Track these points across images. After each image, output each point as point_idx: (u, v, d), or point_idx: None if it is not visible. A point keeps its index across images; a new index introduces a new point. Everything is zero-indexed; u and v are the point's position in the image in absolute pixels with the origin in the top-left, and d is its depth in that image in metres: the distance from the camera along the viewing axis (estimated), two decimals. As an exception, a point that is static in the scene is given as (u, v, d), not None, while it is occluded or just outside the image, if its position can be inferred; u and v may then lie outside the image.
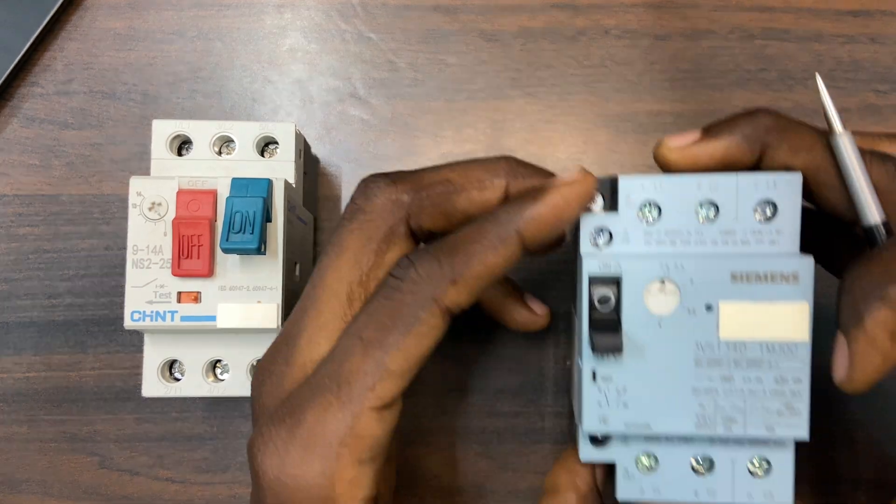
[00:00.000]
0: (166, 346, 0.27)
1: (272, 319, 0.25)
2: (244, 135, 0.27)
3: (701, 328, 0.21)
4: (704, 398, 0.21)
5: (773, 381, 0.21)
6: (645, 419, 0.21)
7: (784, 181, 0.21)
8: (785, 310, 0.20)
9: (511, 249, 0.20)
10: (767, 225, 0.21)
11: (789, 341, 0.21)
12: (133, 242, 0.26)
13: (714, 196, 0.21)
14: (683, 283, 0.21)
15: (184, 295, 0.25)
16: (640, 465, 0.22)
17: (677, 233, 0.21)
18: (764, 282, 0.21)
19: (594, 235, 0.22)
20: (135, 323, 0.25)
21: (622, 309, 0.21)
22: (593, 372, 0.21)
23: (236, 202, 0.25)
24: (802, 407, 0.21)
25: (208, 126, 0.27)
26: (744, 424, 0.21)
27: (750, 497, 0.22)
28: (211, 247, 0.25)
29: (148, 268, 0.26)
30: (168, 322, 0.25)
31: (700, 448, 0.22)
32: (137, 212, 0.26)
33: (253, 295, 0.26)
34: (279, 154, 0.28)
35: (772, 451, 0.22)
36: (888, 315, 0.18)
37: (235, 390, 0.27)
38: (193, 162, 0.27)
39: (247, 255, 0.25)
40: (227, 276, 0.26)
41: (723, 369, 0.21)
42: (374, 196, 0.22)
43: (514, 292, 0.28)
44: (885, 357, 0.18)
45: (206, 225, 0.25)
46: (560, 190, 0.21)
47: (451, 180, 0.22)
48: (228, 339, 0.27)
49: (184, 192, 0.26)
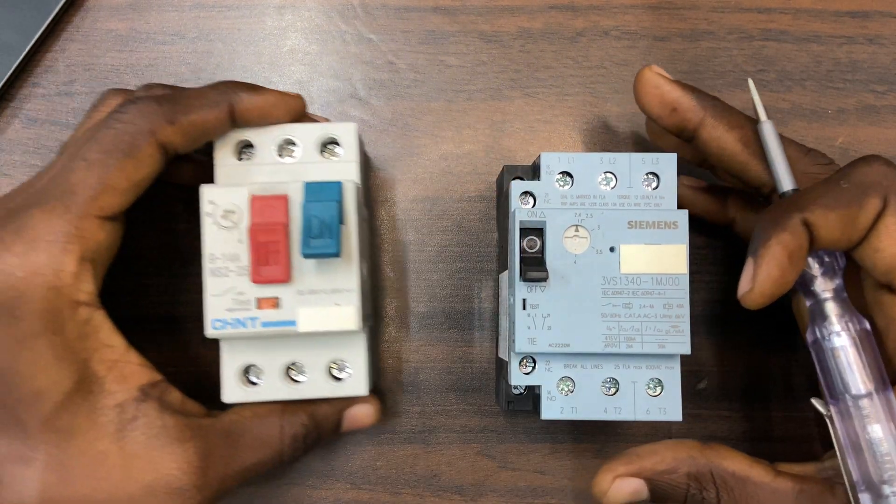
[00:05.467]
0: (242, 352, 0.27)
1: (352, 321, 0.25)
2: (306, 136, 0.27)
3: (606, 265, 0.26)
4: (611, 322, 0.26)
5: (662, 307, 0.26)
6: (565, 340, 0.26)
7: (664, 158, 0.27)
8: (669, 250, 0.26)
9: (223, 113, 0.25)
10: (653, 191, 0.27)
11: (673, 274, 0.26)
12: (209, 251, 0.25)
13: (613, 168, 0.27)
14: (592, 229, 0.26)
15: (263, 301, 0.25)
16: (560, 388, 0.26)
17: (586, 196, 0.27)
18: (653, 228, 0.26)
19: (522, 197, 0.27)
20: (216, 331, 0.25)
21: (545, 249, 0.26)
22: (524, 301, 0.26)
23: (312, 207, 0.25)
24: (685, 327, 0.26)
25: (270, 129, 0.27)
26: (641, 343, 0.26)
27: (648, 413, 0.26)
28: (287, 252, 0.25)
29: (226, 276, 0.25)
30: (249, 329, 0.25)
31: (608, 372, 0.26)
32: (211, 220, 0.25)
33: (331, 298, 0.26)
34: (342, 154, 0.27)
35: (663, 373, 0.26)
36: (789, 238, 0.23)
37: (314, 391, 0.27)
38: (257, 166, 0.27)
39: (324, 259, 0.25)
40: (305, 281, 0.26)
41: (624, 298, 0.26)
42: (110, 95, 0.27)
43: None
44: (781, 272, 0.23)
45: (282, 230, 0.25)
46: (275, 93, 0.26)
47: (180, 88, 0.27)
48: (302, 341, 0.27)
49: (257, 199, 0.25)
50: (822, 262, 0.25)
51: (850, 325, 0.24)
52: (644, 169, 0.27)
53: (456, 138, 0.32)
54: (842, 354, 0.24)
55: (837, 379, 0.24)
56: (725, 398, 0.31)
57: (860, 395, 0.23)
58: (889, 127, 0.33)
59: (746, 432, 0.31)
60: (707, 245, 0.32)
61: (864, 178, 0.23)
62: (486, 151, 0.32)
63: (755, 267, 0.23)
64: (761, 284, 0.23)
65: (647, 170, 0.27)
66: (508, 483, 0.31)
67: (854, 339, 0.24)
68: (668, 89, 0.26)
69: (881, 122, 0.33)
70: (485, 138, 0.33)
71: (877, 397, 0.23)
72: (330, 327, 0.25)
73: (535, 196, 0.27)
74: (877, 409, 0.23)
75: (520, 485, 0.31)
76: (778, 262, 0.23)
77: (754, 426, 0.31)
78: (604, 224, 0.26)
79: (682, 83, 0.27)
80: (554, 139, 0.33)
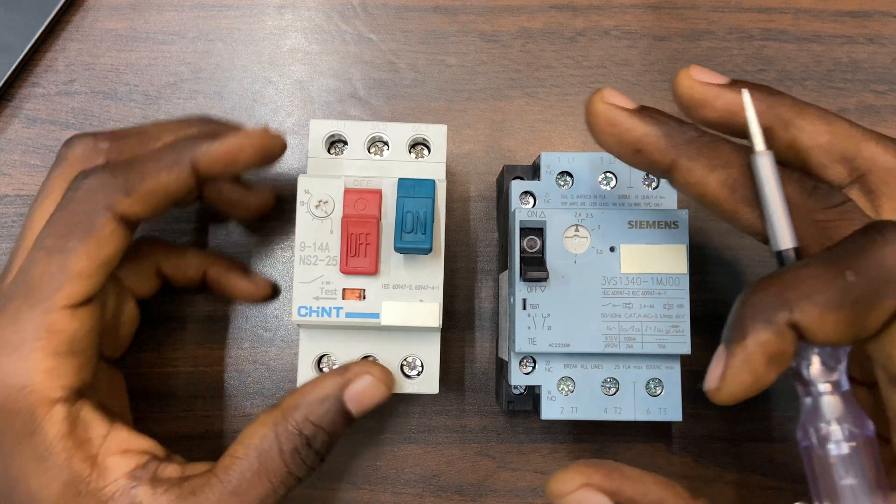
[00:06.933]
0: (320, 341, 0.27)
1: (434, 318, 0.26)
2: (398, 136, 0.28)
3: (607, 265, 0.26)
4: (611, 322, 0.26)
5: (662, 307, 0.26)
6: (565, 340, 0.26)
7: None
8: (669, 250, 0.26)
9: (184, 173, 0.23)
10: (653, 191, 0.27)
11: (673, 274, 0.26)
12: (301, 239, 0.26)
13: (613, 168, 0.27)
14: (593, 229, 0.26)
15: (349, 292, 0.26)
16: (560, 388, 0.26)
17: (586, 196, 0.27)
18: (653, 228, 0.26)
19: (522, 197, 0.27)
20: (302, 318, 0.26)
21: (546, 249, 0.26)
22: (524, 300, 0.26)
23: (407, 202, 0.25)
24: (685, 327, 0.26)
25: (363, 127, 0.27)
26: (641, 343, 0.26)
27: (648, 413, 0.26)
28: (377, 245, 0.26)
29: (315, 264, 0.26)
30: (334, 318, 0.26)
31: (608, 372, 0.26)
32: (305, 209, 0.26)
33: (415, 294, 0.26)
34: (430, 155, 0.28)
35: (663, 373, 0.26)
36: (770, 338, 0.18)
37: None
38: (348, 161, 0.27)
39: (411, 255, 0.26)
40: (391, 275, 0.26)
41: (624, 298, 0.26)
42: (74, 146, 0.25)
43: (235, 267, 0.30)
44: (756, 378, 0.18)
45: (374, 224, 0.26)
46: (238, 136, 0.24)
47: (147, 131, 0.26)
48: (379, 334, 0.27)
49: (351, 191, 0.26)
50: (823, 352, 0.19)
51: (852, 432, 0.19)
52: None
53: (456, 138, 0.32)
54: (840, 468, 0.19)
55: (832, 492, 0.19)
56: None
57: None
58: (890, 127, 0.33)
59: (746, 432, 0.31)
60: (707, 245, 0.32)
61: (880, 270, 0.18)
62: (486, 151, 0.32)
63: (725, 366, 0.19)
64: (730, 386, 0.19)
65: None
66: (508, 483, 0.31)
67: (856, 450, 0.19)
68: (626, 127, 0.21)
69: (882, 123, 0.33)
70: (485, 138, 0.33)
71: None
72: (412, 322, 0.26)
73: (535, 196, 0.27)
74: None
75: (520, 485, 0.31)
76: (752, 368, 0.18)
77: (754, 426, 0.31)
78: (604, 224, 0.26)
79: (646, 112, 0.22)
80: (554, 139, 0.33)
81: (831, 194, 0.20)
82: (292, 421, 0.24)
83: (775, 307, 0.18)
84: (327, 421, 0.24)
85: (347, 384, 0.24)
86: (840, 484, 0.19)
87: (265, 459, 0.23)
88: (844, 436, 0.19)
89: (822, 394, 0.19)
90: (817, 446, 0.19)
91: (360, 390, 0.24)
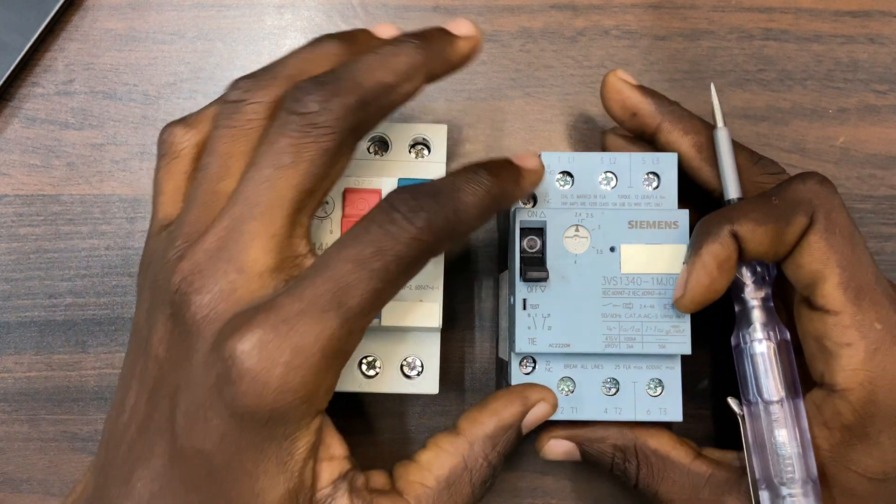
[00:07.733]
0: None
1: (434, 319, 0.26)
2: (399, 136, 0.28)
3: (607, 265, 0.26)
4: (611, 322, 0.26)
5: (662, 307, 0.26)
6: (565, 340, 0.26)
7: (665, 158, 0.27)
8: (669, 250, 0.26)
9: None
10: (654, 191, 0.27)
11: (673, 274, 0.26)
12: None
13: (613, 168, 0.27)
14: (593, 229, 0.26)
15: None
16: (560, 388, 0.26)
17: (586, 196, 0.27)
18: (653, 228, 0.26)
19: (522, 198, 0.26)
20: None
21: (546, 249, 0.26)
22: (524, 301, 0.26)
23: None
24: (685, 327, 0.26)
25: None
26: (641, 343, 0.26)
27: (648, 413, 0.26)
28: None
29: None
30: None
31: (608, 372, 0.26)
32: None
33: (415, 294, 0.26)
34: (430, 155, 0.28)
35: (664, 373, 0.26)
36: (718, 248, 0.24)
37: (387, 387, 0.27)
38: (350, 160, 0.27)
39: None
40: None
41: (624, 298, 0.26)
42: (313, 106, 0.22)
43: None
44: (711, 280, 0.24)
45: None
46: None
47: (386, 81, 0.23)
48: (379, 335, 0.27)
49: (351, 191, 0.26)
50: (754, 272, 0.25)
51: (771, 334, 0.25)
52: (644, 169, 0.27)
53: (456, 138, 0.32)
54: (760, 361, 0.25)
55: (753, 383, 0.25)
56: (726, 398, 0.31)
57: (771, 400, 0.24)
58: (890, 127, 0.33)
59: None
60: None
61: (795, 195, 0.24)
62: (486, 151, 0.32)
63: (687, 274, 0.24)
64: (692, 290, 0.24)
65: (647, 169, 0.27)
66: (508, 483, 0.31)
67: (773, 348, 0.25)
68: (629, 94, 0.27)
69: (882, 122, 0.33)
70: (485, 138, 0.33)
71: (786, 404, 0.24)
72: (412, 322, 0.26)
73: (535, 196, 0.27)
74: (785, 416, 0.24)
75: (520, 485, 0.31)
76: (707, 272, 0.24)
77: (754, 426, 0.31)
78: (604, 224, 0.26)
79: (644, 89, 0.28)
80: (554, 139, 0.33)
81: (770, 165, 0.27)
82: (482, 453, 0.25)
83: (721, 223, 0.24)
84: (510, 448, 0.25)
85: (527, 411, 0.25)
86: (760, 375, 0.25)
87: (456, 492, 0.24)
88: (765, 336, 0.25)
89: (752, 307, 0.25)
90: (745, 344, 0.25)
91: (536, 417, 0.25)
